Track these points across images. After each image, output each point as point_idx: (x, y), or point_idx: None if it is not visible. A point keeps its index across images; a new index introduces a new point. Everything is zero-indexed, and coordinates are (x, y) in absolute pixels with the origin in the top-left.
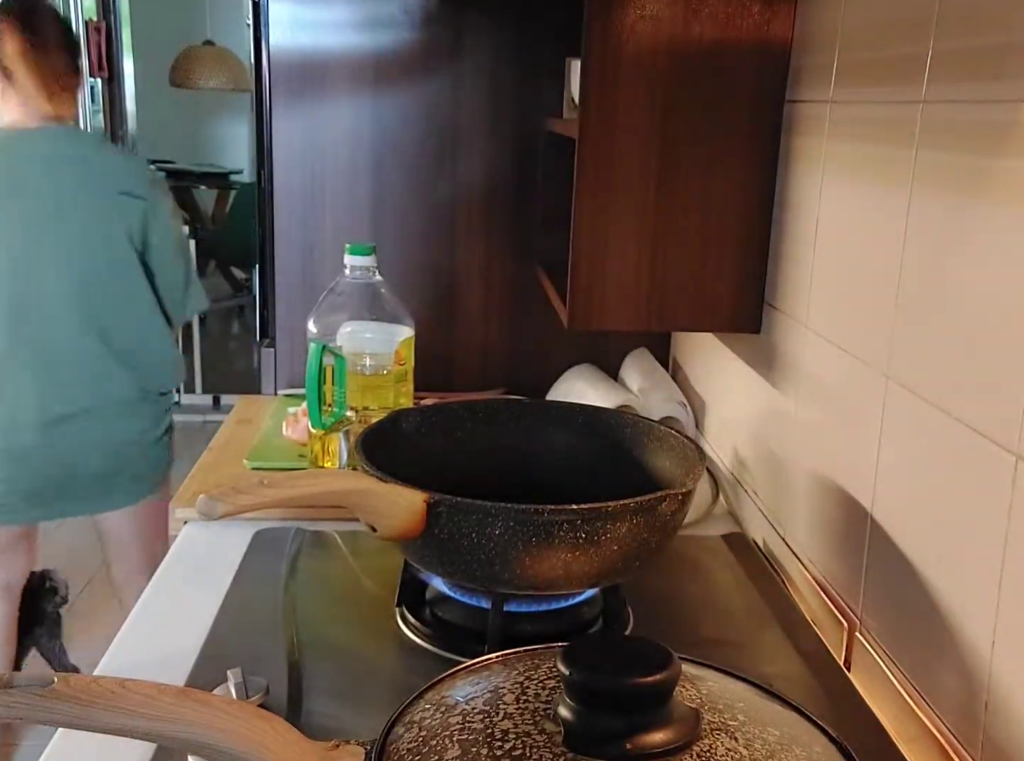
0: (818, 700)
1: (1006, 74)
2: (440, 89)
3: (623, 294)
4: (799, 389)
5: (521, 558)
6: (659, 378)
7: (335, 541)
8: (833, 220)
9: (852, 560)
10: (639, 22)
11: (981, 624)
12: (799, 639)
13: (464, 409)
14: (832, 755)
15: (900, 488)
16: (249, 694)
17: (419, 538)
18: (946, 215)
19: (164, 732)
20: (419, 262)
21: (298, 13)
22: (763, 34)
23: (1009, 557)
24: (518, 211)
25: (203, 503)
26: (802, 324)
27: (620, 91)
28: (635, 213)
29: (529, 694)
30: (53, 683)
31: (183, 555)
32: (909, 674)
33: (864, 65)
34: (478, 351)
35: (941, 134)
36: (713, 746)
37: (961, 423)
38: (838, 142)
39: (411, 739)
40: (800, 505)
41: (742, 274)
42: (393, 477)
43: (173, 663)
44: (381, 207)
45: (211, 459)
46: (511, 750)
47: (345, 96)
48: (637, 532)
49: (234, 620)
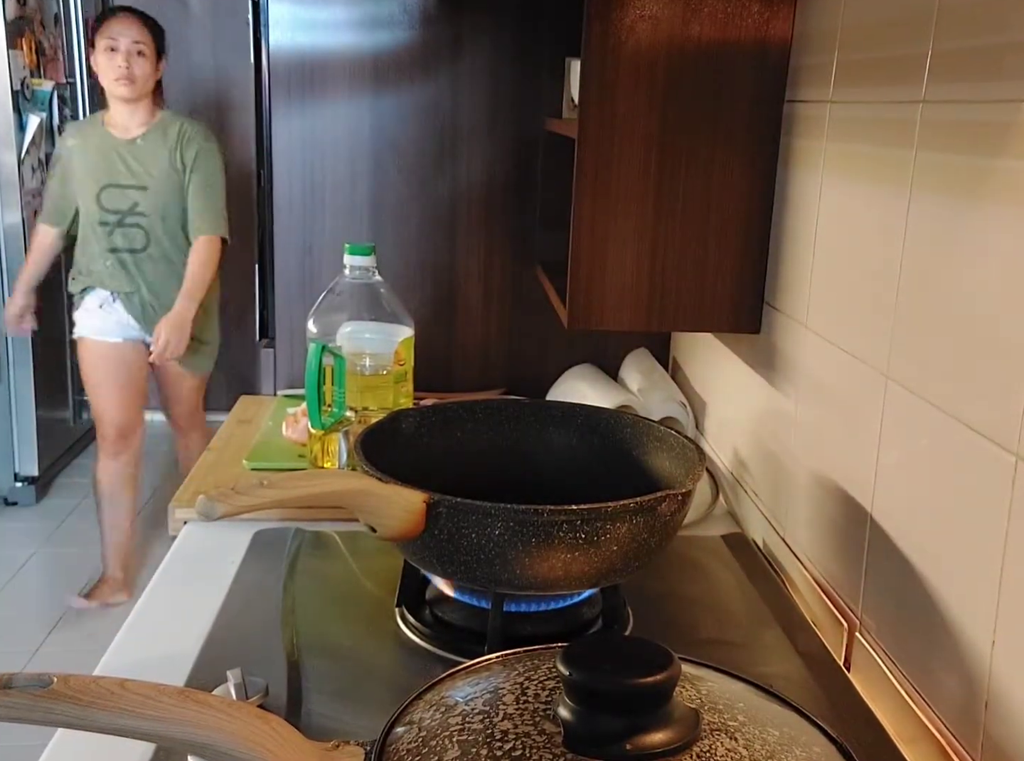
0: (818, 700)
1: (1006, 74)
2: (440, 89)
3: (623, 294)
4: (799, 389)
5: (521, 558)
6: (659, 378)
7: (335, 541)
8: (833, 220)
9: (852, 560)
10: (639, 22)
11: (981, 624)
12: (799, 639)
13: (464, 409)
14: (832, 755)
15: (900, 488)
16: (249, 694)
17: (419, 538)
18: (946, 215)
19: (164, 732)
20: (419, 262)
21: (298, 13)
22: (763, 34)
23: (1009, 557)
24: (518, 211)
25: (202, 504)
26: (802, 324)
27: (620, 91)
28: (635, 213)
29: (529, 694)
30: (52, 683)
31: (183, 555)
32: (909, 674)
33: (864, 65)
34: (478, 351)
35: (941, 134)
36: (713, 746)
37: (961, 423)
38: (838, 142)
39: (411, 739)
40: (800, 505)
41: (742, 274)
42: (393, 477)
43: (173, 663)
44: (381, 207)
45: (211, 459)
46: (511, 751)
47: (345, 96)
48: (637, 532)
49: (234, 620)
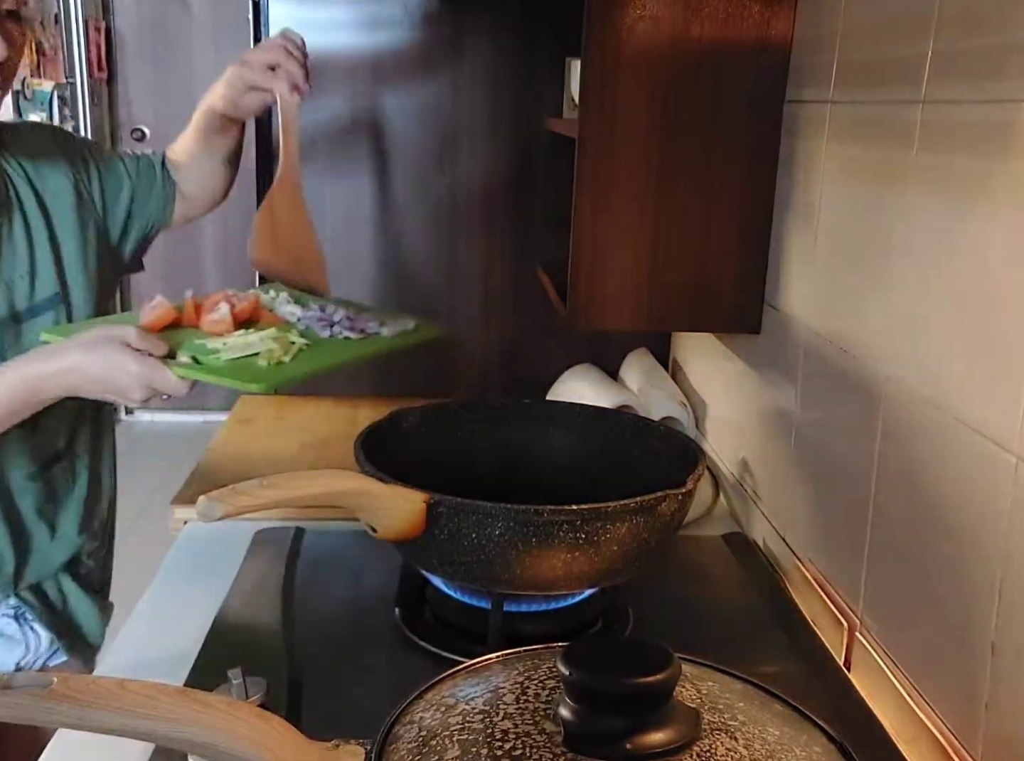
0: (818, 700)
1: (1006, 74)
2: (440, 89)
3: (623, 294)
4: (799, 389)
5: (521, 558)
6: (659, 378)
7: (335, 541)
8: (833, 220)
9: (852, 560)
10: (639, 22)
11: (981, 624)
12: (799, 639)
13: (464, 409)
14: (832, 755)
15: (900, 488)
16: (249, 694)
17: (419, 538)
18: (946, 215)
19: (164, 732)
20: (419, 262)
21: (298, 13)
22: (763, 34)
23: (1009, 557)
24: (518, 211)
25: (202, 505)
26: (802, 324)
27: (620, 91)
28: (635, 213)
29: (529, 694)
30: (52, 684)
31: (183, 555)
32: (909, 674)
33: (864, 65)
34: (478, 351)
35: (941, 134)
36: (713, 746)
37: (961, 423)
38: (838, 142)
39: (411, 739)
40: (800, 505)
41: (742, 274)
42: (393, 477)
43: (173, 663)
44: (381, 207)
45: (211, 459)
46: (511, 750)
47: (345, 96)
48: (637, 532)
49: (234, 620)
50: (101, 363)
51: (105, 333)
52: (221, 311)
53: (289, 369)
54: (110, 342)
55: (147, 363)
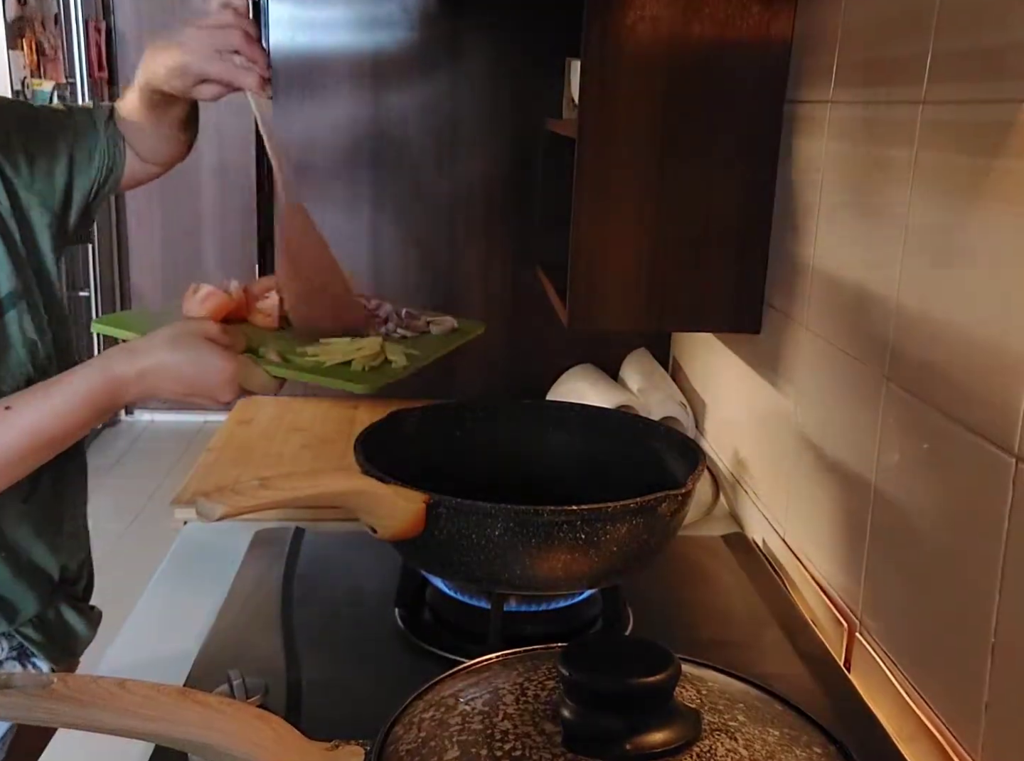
0: (818, 700)
1: (1006, 74)
2: (440, 89)
3: (623, 294)
4: (799, 389)
5: (521, 558)
6: (659, 378)
7: (335, 541)
8: (833, 220)
9: (852, 560)
10: (639, 22)
11: (981, 624)
12: (799, 639)
13: (464, 409)
14: (832, 755)
15: (900, 488)
16: (249, 694)
17: (419, 538)
18: (946, 215)
19: (163, 732)
20: (419, 262)
21: (298, 13)
22: (763, 34)
23: (1009, 558)
24: (518, 211)
25: (202, 505)
26: (802, 324)
27: (620, 91)
28: (635, 213)
29: (529, 695)
30: (52, 683)
31: (183, 555)
32: (909, 674)
33: (864, 65)
34: (478, 351)
35: (941, 134)
36: (713, 746)
37: (961, 424)
38: (838, 142)
39: (411, 739)
40: (800, 505)
41: (742, 274)
42: (393, 477)
43: (173, 663)
44: (381, 207)
45: (211, 459)
46: (511, 751)
47: (345, 96)
48: (637, 533)
49: (234, 620)
50: (191, 362)
51: (183, 328)
52: (270, 301)
53: (388, 372)
54: (195, 338)
55: (239, 361)
